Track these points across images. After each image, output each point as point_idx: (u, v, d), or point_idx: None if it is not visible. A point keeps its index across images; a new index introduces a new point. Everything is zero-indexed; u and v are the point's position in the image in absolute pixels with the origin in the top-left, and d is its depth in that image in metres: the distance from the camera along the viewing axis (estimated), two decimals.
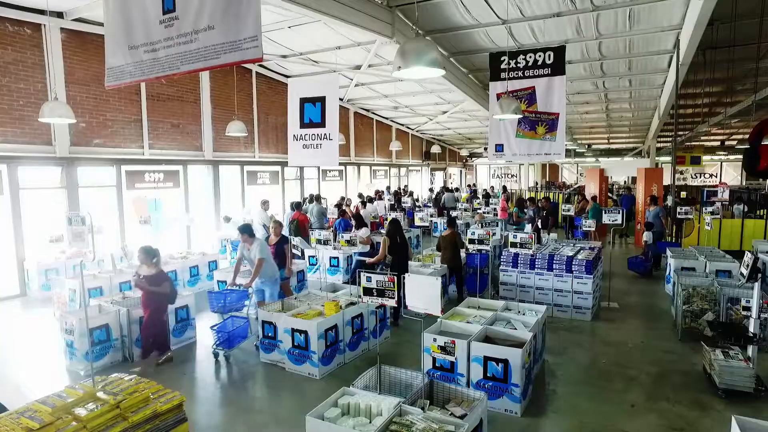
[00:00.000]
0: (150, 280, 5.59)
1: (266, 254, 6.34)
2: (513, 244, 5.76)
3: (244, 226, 6.54)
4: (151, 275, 5.63)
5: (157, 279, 5.64)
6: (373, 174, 21.04)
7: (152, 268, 5.68)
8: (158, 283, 5.61)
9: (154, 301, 5.61)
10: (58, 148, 9.34)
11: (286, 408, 4.76)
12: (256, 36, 3.07)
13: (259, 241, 6.41)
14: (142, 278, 5.60)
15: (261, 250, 6.29)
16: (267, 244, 6.65)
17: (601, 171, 15.39)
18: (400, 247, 7.18)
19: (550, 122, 8.89)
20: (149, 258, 5.71)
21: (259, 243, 6.37)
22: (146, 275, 5.64)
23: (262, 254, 6.27)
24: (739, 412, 4.47)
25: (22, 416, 3.21)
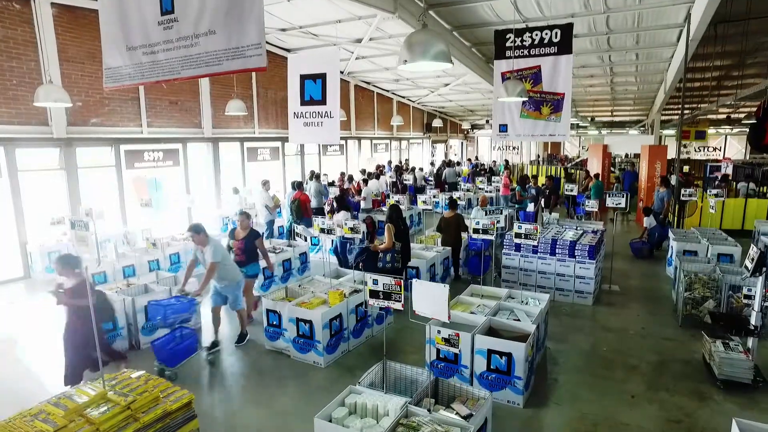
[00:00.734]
0: (73, 293, 4.64)
1: (221, 257, 5.61)
2: (518, 234, 5.74)
3: (195, 225, 5.74)
4: (74, 287, 4.67)
5: (81, 290, 4.54)
6: (374, 148, 20.84)
7: (74, 278, 4.74)
8: (82, 295, 4.49)
9: (81, 317, 4.62)
10: (55, 128, 9.19)
11: (293, 398, 4.84)
12: (260, 44, 2.95)
13: (214, 243, 5.65)
14: (63, 291, 4.65)
15: (214, 252, 5.54)
16: (222, 246, 5.82)
17: (605, 147, 15.22)
18: (403, 233, 7.16)
19: (555, 102, 8.71)
20: (69, 268, 4.74)
21: (214, 245, 5.61)
22: (68, 287, 4.70)
23: (215, 257, 5.52)
24: (737, 403, 4.60)
25: (36, 419, 3.26)
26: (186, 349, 5.30)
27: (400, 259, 6.85)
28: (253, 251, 6.53)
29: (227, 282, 5.80)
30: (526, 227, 5.72)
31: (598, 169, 15.22)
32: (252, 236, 6.52)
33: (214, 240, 5.70)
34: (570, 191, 10.40)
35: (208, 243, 5.60)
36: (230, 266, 5.87)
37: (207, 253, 5.57)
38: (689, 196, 9.20)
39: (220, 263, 5.59)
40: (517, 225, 5.79)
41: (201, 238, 5.61)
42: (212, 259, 5.51)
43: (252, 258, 6.53)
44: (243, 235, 6.50)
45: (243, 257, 6.41)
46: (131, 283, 6.52)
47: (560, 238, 7.50)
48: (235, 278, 5.89)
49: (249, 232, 6.54)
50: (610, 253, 8.67)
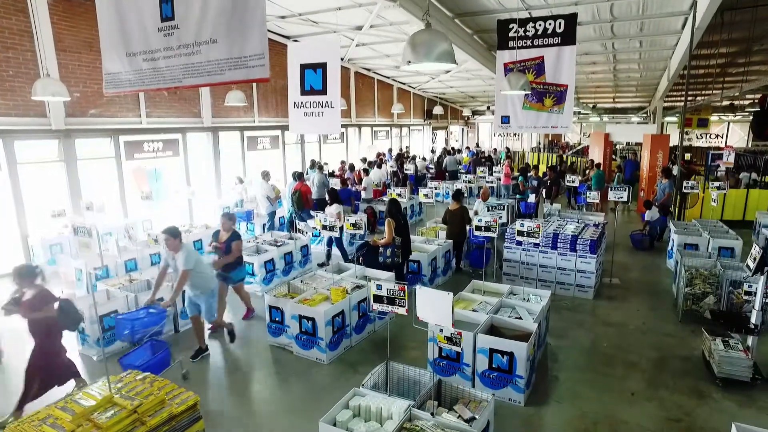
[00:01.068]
0: (30, 305, 4.35)
1: (193, 264, 5.24)
2: (520, 232, 5.73)
3: (172, 228, 5.32)
4: (32, 298, 4.40)
5: (40, 301, 4.41)
6: (374, 135, 20.71)
7: (33, 290, 4.47)
8: (40, 307, 4.39)
9: (40, 330, 4.43)
10: (53, 120, 9.10)
11: (297, 396, 4.89)
12: (263, 54, 2.90)
13: (187, 249, 5.28)
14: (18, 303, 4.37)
15: (186, 259, 5.17)
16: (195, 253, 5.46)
17: (606, 135, 15.13)
18: (403, 227, 7.15)
19: (558, 94, 8.63)
20: (27, 280, 4.46)
21: (186, 251, 5.23)
22: (24, 300, 4.40)
23: (187, 265, 5.16)
24: (736, 402, 4.65)
25: (44, 424, 3.30)
26: (159, 362, 4.94)
27: (400, 254, 6.86)
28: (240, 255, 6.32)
29: (200, 290, 5.46)
30: (529, 225, 5.71)
31: (600, 157, 15.15)
32: (233, 238, 6.22)
33: (188, 246, 5.39)
34: (572, 182, 10.36)
35: (181, 249, 5.24)
36: (204, 274, 5.48)
37: (179, 259, 5.22)
38: (691, 188, 9.17)
39: (193, 271, 5.26)
40: (520, 223, 5.78)
41: (176, 243, 5.24)
42: (184, 266, 5.16)
43: (236, 263, 6.26)
44: (226, 237, 6.21)
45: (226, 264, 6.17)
46: (133, 278, 6.54)
47: (562, 232, 7.50)
48: (208, 286, 5.51)
49: (231, 234, 6.25)
50: (611, 244, 8.70)
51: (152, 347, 5.11)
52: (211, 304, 5.56)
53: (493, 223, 5.68)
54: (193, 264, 5.24)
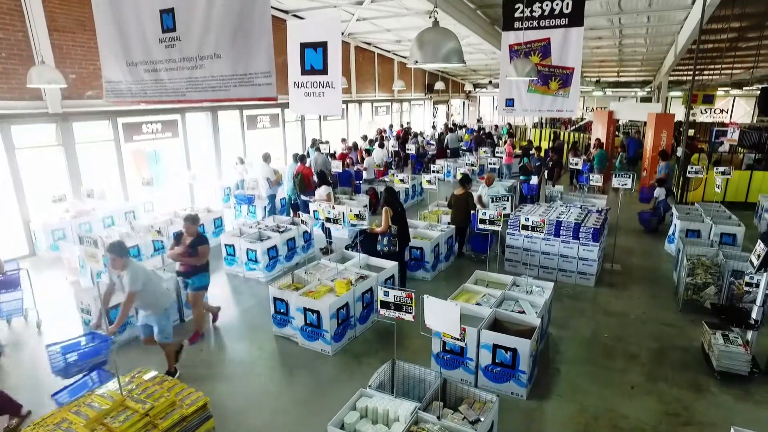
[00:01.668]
0: None
1: (141, 284, 4.65)
2: (525, 227, 5.72)
3: (118, 245, 4.71)
4: None
5: None
6: (374, 111, 20.43)
7: None
8: None
9: None
10: (50, 103, 8.94)
11: (303, 388, 4.98)
12: (269, 72, 2.81)
13: (134, 268, 4.69)
14: None
15: (133, 279, 4.59)
16: (143, 271, 4.84)
17: (610, 113, 14.92)
18: (400, 215, 7.12)
19: (564, 77, 8.46)
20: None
21: (133, 270, 4.64)
22: None
23: (134, 285, 4.59)
24: (733, 395, 4.75)
25: (59, 428, 3.37)
26: None
27: (397, 243, 6.86)
28: None
29: (152, 310, 4.92)
30: (533, 220, 5.69)
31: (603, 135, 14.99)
32: (199, 242, 5.75)
33: (135, 264, 4.78)
34: (575, 165, 10.28)
35: (127, 267, 4.65)
36: (155, 292, 4.93)
37: (125, 279, 4.63)
38: (695, 173, 9.10)
39: (141, 291, 4.70)
40: (524, 217, 5.76)
41: (121, 262, 4.62)
42: (130, 287, 4.60)
43: (200, 267, 5.80)
44: (189, 241, 5.74)
45: (188, 268, 5.79)
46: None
47: (565, 219, 7.49)
48: (161, 305, 4.96)
49: (195, 237, 5.77)
50: (614, 227, 8.70)
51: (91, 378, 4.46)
52: (164, 325, 4.98)
53: (497, 217, 5.66)
54: (140, 284, 4.67)
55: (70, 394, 4.26)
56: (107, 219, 9.41)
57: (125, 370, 4.21)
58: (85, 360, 4.38)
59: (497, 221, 5.66)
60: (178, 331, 5.87)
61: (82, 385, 4.38)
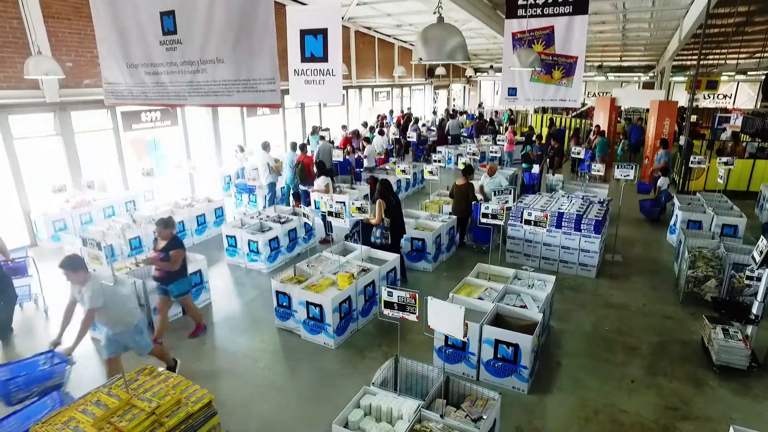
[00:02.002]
0: None
1: (103, 301, 4.27)
2: (527, 221, 5.72)
3: (72, 259, 4.31)
4: None
5: None
6: (375, 97, 20.24)
7: None
8: None
9: None
10: (47, 92, 8.85)
11: (307, 382, 5.03)
12: (273, 79, 2.75)
13: (95, 283, 4.28)
14: None
15: (93, 296, 4.21)
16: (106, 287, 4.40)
17: (613, 100, 14.79)
18: (395, 207, 7.13)
19: (567, 66, 8.36)
20: None
21: (94, 286, 4.25)
22: None
23: (94, 302, 4.21)
24: (732, 389, 4.80)
25: (67, 427, 3.41)
26: None
27: (389, 236, 6.87)
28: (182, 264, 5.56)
29: (121, 328, 4.53)
30: (536, 214, 5.68)
31: (605, 123, 14.89)
32: (172, 245, 5.38)
33: (96, 280, 4.36)
34: (577, 154, 10.24)
35: (87, 282, 4.27)
36: (122, 308, 4.55)
37: (85, 295, 4.24)
38: (698, 163, 9.06)
39: (104, 308, 4.32)
40: (527, 212, 5.75)
41: (78, 276, 4.25)
42: (90, 304, 4.22)
43: (176, 273, 5.50)
44: (163, 246, 5.40)
45: (163, 274, 5.46)
46: (139, 261, 6.54)
47: (566, 211, 7.48)
48: (130, 322, 4.57)
49: (169, 241, 5.40)
50: (615, 216, 8.69)
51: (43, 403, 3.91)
52: (137, 340, 4.65)
53: (500, 211, 5.65)
54: (102, 301, 4.28)
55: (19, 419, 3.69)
56: (107, 209, 9.40)
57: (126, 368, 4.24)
58: (30, 385, 3.89)
59: (500, 215, 5.64)
60: None
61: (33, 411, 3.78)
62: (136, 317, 4.68)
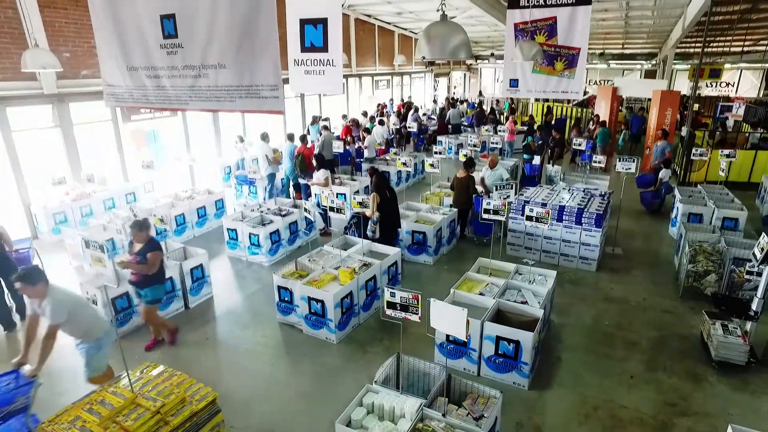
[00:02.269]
0: None
1: (66, 314, 3.98)
2: (529, 217, 5.71)
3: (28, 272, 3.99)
4: None
5: None
6: (375, 85, 20.08)
7: None
8: None
9: None
10: (45, 84, 8.76)
11: (309, 378, 5.07)
12: (276, 85, 2.71)
13: (56, 296, 3.98)
14: None
15: (55, 311, 3.93)
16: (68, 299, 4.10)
17: (614, 89, 14.68)
18: (390, 201, 7.13)
19: (570, 58, 8.26)
20: None
21: (54, 299, 3.95)
22: None
23: (56, 318, 3.93)
24: (730, 385, 4.85)
25: (73, 426, 3.44)
26: None
27: (377, 230, 6.90)
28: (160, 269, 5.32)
29: (82, 340, 4.27)
30: (538, 210, 5.67)
31: (606, 113, 14.81)
32: (149, 248, 5.14)
33: (58, 291, 4.07)
34: (578, 145, 10.20)
35: (48, 295, 3.96)
36: (85, 321, 4.23)
37: (46, 310, 3.94)
38: (700, 156, 9.03)
39: (68, 322, 4.05)
40: (529, 208, 5.74)
41: (37, 290, 3.94)
42: (52, 320, 3.92)
43: (153, 278, 5.24)
44: (139, 249, 5.16)
45: (140, 277, 5.23)
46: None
47: (568, 205, 7.47)
48: (92, 334, 4.25)
49: (145, 244, 5.16)
50: (616, 209, 8.68)
51: None
52: (91, 357, 4.30)
53: (501, 207, 5.64)
54: (65, 315, 4.01)
55: None
56: (108, 201, 9.38)
57: None
58: None
59: (501, 211, 5.64)
60: None
61: None
62: (101, 330, 4.34)
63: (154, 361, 4.34)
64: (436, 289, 6.89)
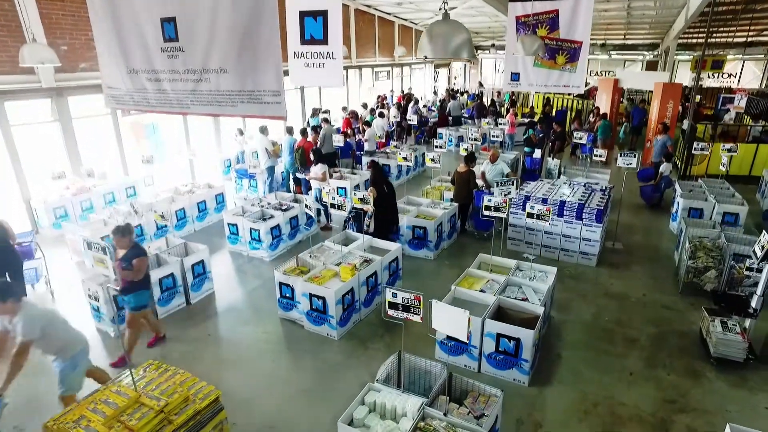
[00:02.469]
0: None
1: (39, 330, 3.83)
2: (530, 215, 5.71)
3: None
4: None
5: None
6: (375, 76, 19.95)
7: None
8: None
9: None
10: (43, 78, 8.70)
11: (311, 375, 5.10)
12: (278, 91, 2.68)
13: (28, 312, 3.83)
14: None
15: (27, 326, 3.77)
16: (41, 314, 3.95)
17: (616, 81, 14.59)
18: (387, 196, 7.14)
19: (571, 51, 8.21)
20: None
21: (26, 315, 3.81)
22: None
23: (29, 334, 3.78)
24: (728, 381, 4.89)
25: (78, 426, 3.47)
26: None
27: (371, 225, 6.94)
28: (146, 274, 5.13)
29: (56, 356, 4.10)
30: (539, 208, 5.67)
31: (608, 104, 14.74)
32: (134, 254, 4.97)
33: (31, 307, 3.94)
34: (579, 139, 10.17)
35: (19, 311, 3.81)
36: (59, 337, 4.05)
37: (18, 327, 3.80)
38: (701, 150, 9.01)
39: (42, 338, 3.89)
40: (530, 205, 5.74)
41: (6, 307, 3.77)
42: (23, 335, 3.78)
43: (139, 284, 5.06)
44: (123, 254, 5.01)
45: (124, 284, 5.03)
46: None
47: (568, 200, 7.47)
48: (68, 351, 4.10)
49: (129, 249, 4.99)
50: (617, 202, 8.68)
51: None
52: (65, 375, 4.13)
53: (503, 204, 5.64)
54: (38, 331, 3.85)
55: None
56: (108, 195, 9.38)
57: None
58: None
59: (502, 208, 5.64)
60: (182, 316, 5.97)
61: None
62: (77, 345, 4.19)
63: (156, 357, 4.38)
64: (436, 284, 6.92)
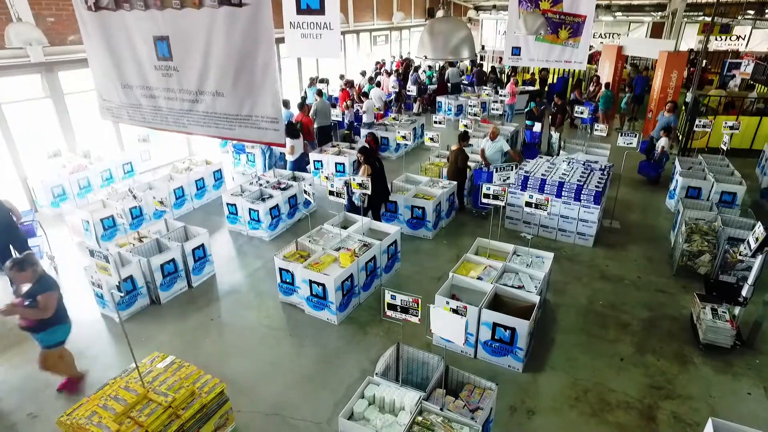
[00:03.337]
0: None
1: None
2: (528, 203, 5.71)
3: None
4: None
5: None
6: (373, 41, 19.40)
7: None
8: None
9: None
10: (31, 52, 8.46)
11: (312, 360, 5.26)
12: (276, 118, 2.61)
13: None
14: None
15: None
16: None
17: (619, 48, 14.23)
18: (379, 171, 7.33)
19: (574, 26, 7.99)
20: None
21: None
22: None
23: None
24: (713, 367, 5.07)
25: (90, 422, 3.62)
26: None
27: (366, 200, 7.11)
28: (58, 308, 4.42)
29: None
30: (537, 197, 5.67)
31: (610, 73, 14.43)
32: (39, 289, 4.27)
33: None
34: (580, 114, 10.03)
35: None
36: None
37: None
38: (703, 127, 8.91)
39: None
40: (528, 194, 5.74)
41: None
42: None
43: (51, 320, 4.38)
44: (26, 290, 4.29)
45: (32, 323, 4.35)
46: (142, 236, 6.61)
47: (567, 181, 7.46)
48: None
49: (34, 283, 4.29)
50: (617, 178, 8.67)
51: None
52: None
53: (501, 192, 5.64)
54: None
55: None
56: (104, 173, 9.33)
57: None
58: None
59: (501, 196, 5.65)
60: None
61: None
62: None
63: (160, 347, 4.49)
64: (435, 265, 7.04)
